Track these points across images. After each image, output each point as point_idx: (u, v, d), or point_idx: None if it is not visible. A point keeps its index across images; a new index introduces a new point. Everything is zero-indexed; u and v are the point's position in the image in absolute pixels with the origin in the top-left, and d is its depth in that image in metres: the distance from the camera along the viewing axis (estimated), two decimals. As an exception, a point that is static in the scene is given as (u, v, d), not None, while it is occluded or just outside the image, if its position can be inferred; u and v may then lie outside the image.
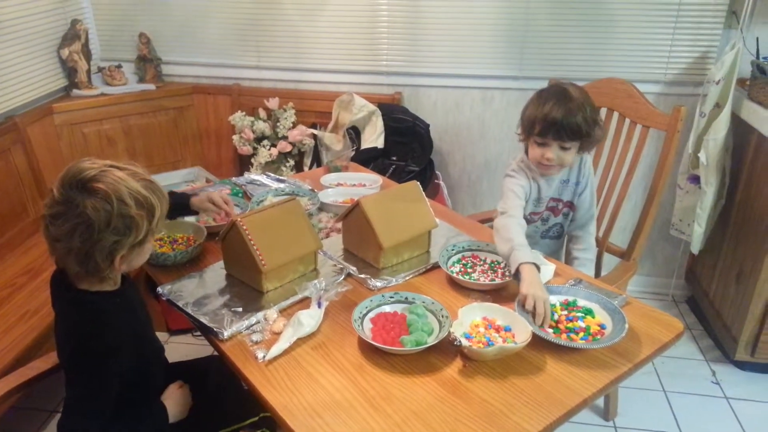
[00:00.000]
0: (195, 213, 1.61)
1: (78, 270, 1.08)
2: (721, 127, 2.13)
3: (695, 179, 2.29)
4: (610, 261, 1.95)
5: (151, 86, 2.78)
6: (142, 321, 1.25)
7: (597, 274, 1.96)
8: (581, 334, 1.18)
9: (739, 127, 2.21)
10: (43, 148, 2.46)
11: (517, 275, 1.31)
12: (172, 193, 1.34)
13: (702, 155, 2.17)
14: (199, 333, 1.67)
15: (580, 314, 1.25)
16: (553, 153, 1.55)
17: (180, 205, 1.54)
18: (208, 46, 2.78)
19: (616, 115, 1.91)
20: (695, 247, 2.32)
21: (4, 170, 2.22)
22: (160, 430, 1.24)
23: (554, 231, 1.78)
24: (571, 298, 1.29)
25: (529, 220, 1.69)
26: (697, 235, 2.28)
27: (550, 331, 1.21)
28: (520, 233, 1.42)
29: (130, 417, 1.17)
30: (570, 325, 1.21)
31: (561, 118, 1.50)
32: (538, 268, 1.32)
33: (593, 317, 1.25)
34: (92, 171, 1.03)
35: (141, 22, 2.77)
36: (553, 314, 1.25)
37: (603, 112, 1.94)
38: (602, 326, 1.21)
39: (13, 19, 2.34)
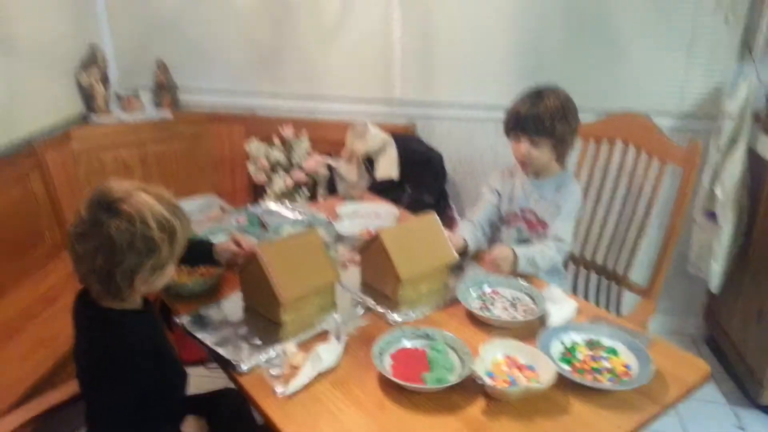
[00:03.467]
0: (216, 263, 1.51)
1: (99, 289, 1.10)
2: (737, 162, 2.11)
3: (712, 215, 2.26)
4: (628, 298, 1.92)
5: (168, 113, 2.81)
6: (164, 342, 1.26)
7: (617, 312, 1.94)
8: (607, 375, 1.16)
9: (756, 163, 2.18)
10: (61, 174, 2.47)
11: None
12: (194, 241, 1.34)
13: (718, 190, 2.14)
14: (213, 365, 1.66)
15: (604, 354, 1.22)
16: (525, 148, 1.64)
17: (202, 253, 1.50)
18: (223, 74, 2.81)
19: (632, 149, 1.91)
20: (714, 286, 2.27)
21: (22, 196, 2.23)
22: None
23: None
24: (594, 337, 1.27)
25: (505, 220, 1.79)
26: (714, 273, 2.24)
27: (567, 367, 1.19)
28: (464, 226, 1.72)
29: None
30: (595, 365, 1.19)
31: (525, 111, 1.61)
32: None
33: (617, 357, 1.22)
34: (119, 193, 1.07)
35: (158, 48, 2.81)
36: (577, 354, 1.23)
37: (619, 145, 1.94)
38: (627, 366, 1.19)
39: (31, 44, 2.37)
